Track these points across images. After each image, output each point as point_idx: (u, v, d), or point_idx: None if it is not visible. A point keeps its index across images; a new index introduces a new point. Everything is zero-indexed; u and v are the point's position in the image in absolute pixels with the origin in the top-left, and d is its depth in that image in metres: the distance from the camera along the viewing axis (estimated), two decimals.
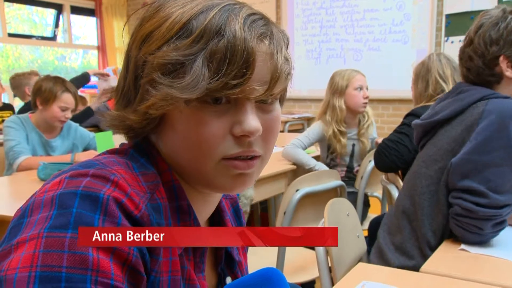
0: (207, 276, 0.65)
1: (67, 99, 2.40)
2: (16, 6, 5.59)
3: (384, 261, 1.40)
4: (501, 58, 1.27)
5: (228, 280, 0.68)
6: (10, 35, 5.40)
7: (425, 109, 2.03)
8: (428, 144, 1.38)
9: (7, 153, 2.36)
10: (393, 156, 1.90)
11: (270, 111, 0.58)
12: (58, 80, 2.43)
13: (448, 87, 1.95)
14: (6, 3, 5.31)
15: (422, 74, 2.02)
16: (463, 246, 1.23)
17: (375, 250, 1.48)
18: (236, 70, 0.51)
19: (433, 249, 1.29)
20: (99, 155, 0.59)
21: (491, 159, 1.20)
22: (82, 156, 2.31)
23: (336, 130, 2.54)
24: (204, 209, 0.64)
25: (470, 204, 1.20)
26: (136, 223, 0.49)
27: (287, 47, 0.59)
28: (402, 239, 1.38)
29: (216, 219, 0.69)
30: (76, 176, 0.49)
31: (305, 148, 2.56)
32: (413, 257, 1.35)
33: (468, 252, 1.21)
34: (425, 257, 1.29)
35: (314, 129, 2.60)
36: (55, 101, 2.37)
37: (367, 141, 2.66)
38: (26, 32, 5.71)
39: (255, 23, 0.54)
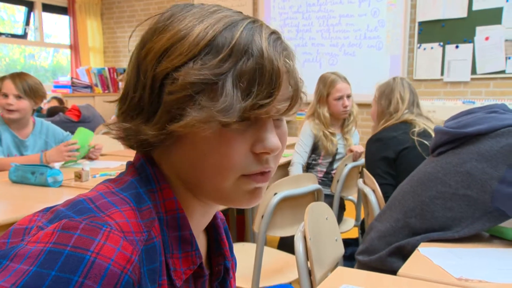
0: None
1: (5, 85, 2.39)
2: None
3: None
4: None
5: None
6: None
7: (390, 131, 2.10)
8: (450, 152, 1.39)
9: None
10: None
11: (281, 126, 0.59)
12: (8, 73, 2.44)
13: (403, 107, 2.15)
14: None
15: (387, 93, 2.21)
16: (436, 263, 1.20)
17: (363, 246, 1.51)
18: (266, 91, 0.52)
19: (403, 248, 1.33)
20: (95, 188, 0.55)
21: None
22: (52, 155, 2.26)
23: (326, 132, 2.65)
24: (202, 220, 0.64)
25: None
26: (127, 276, 0.47)
27: None
28: (389, 229, 1.42)
29: (213, 234, 0.70)
30: (67, 229, 0.47)
31: (306, 156, 2.66)
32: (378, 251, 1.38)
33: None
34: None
35: (306, 132, 2.68)
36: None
37: (351, 137, 2.78)
38: None
39: (277, 42, 0.55)
